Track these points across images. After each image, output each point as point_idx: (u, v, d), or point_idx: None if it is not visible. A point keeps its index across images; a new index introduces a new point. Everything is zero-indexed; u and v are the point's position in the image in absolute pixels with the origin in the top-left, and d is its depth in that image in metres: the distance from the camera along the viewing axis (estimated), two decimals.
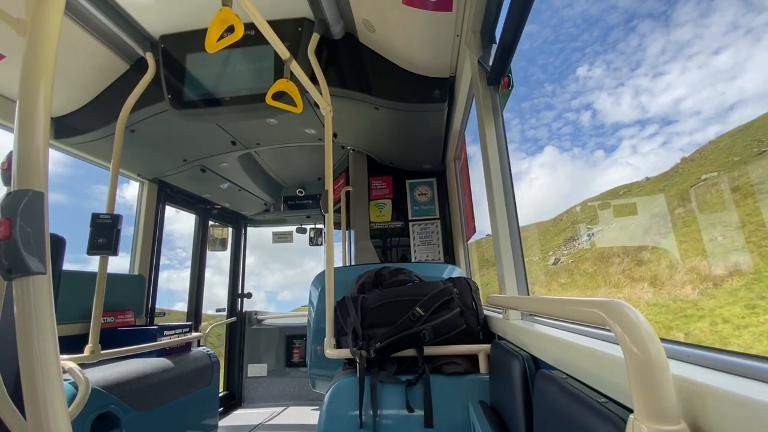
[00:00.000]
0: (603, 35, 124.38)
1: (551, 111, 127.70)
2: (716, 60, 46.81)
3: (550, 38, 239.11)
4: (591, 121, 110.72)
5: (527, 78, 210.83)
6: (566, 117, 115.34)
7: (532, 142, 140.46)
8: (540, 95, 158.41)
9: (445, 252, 2.92)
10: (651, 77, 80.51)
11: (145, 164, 2.83)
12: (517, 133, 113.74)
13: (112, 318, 2.33)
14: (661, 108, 76.95)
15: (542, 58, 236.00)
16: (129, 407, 1.72)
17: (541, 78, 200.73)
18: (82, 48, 2.01)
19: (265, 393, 3.83)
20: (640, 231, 8.59)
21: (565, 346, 0.79)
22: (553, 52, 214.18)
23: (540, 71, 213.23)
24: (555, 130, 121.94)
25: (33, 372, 0.51)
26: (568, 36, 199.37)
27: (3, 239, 0.51)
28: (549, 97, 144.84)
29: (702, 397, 0.43)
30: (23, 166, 0.55)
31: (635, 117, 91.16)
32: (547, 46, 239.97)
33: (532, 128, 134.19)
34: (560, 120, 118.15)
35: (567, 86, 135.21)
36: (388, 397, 1.35)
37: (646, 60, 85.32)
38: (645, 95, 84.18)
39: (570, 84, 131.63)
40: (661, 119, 66.08)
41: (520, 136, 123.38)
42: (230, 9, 1.11)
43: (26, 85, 0.58)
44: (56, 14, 0.62)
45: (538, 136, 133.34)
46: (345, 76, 2.10)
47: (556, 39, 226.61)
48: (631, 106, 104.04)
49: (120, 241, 1.86)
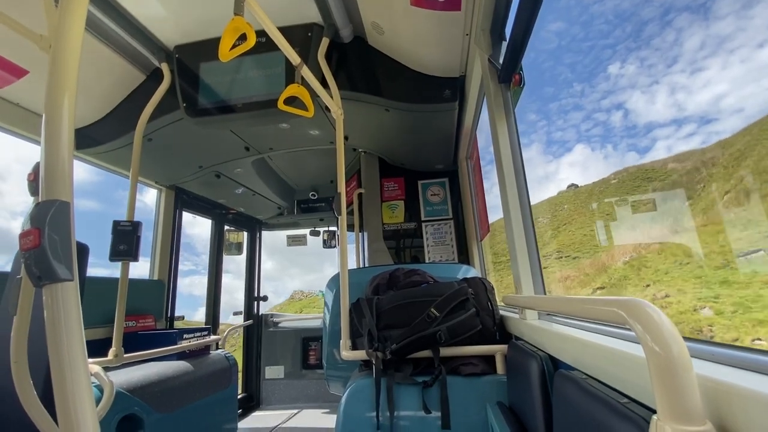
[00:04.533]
0: (636, 31, 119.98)
1: (580, 111, 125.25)
2: (761, 53, 45.00)
3: (579, 36, 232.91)
4: (623, 122, 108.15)
5: (555, 77, 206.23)
6: (596, 118, 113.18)
7: (560, 144, 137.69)
8: (568, 95, 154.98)
9: (458, 252, 2.90)
10: (688, 74, 77.04)
11: (163, 171, 2.90)
12: (543, 135, 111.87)
13: (133, 322, 2.39)
14: (699, 106, 73.97)
15: (570, 56, 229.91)
16: (152, 409, 1.76)
17: (570, 77, 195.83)
18: (101, 61, 2.07)
19: (283, 395, 3.87)
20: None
21: (584, 346, 0.78)
22: (582, 50, 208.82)
23: (568, 70, 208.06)
24: (584, 131, 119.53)
25: (63, 376, 0.52)
26: (599, 33, 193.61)
27: (33, 248, 0.53)
28: (577, 97, 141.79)
29: (728, 396, 0.42)
30: (50, 177, 0.57)
31: (671, 116, 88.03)
32: (575, 44, 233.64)
33: (560, 130, 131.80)
34: (589, 121, 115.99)
35: (597, 85, 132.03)
36: (405, 399, 1.35)
37: (683, 56, 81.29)
38: (682, 93, 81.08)
39: (600, 83, 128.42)
40: (700, 118, 63.46)
41: (547, 138, 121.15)
42: (242, 18, 1.13)
43: (51, 99, 0.60)
44: (78, 30, 0.64)
45: (565, 138, 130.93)
46: (355, 79, 2.11)
47: (585, 36, 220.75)
48: (666, 105, 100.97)
49: (140, 247, 1.90)
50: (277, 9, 1.88)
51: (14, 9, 1.54)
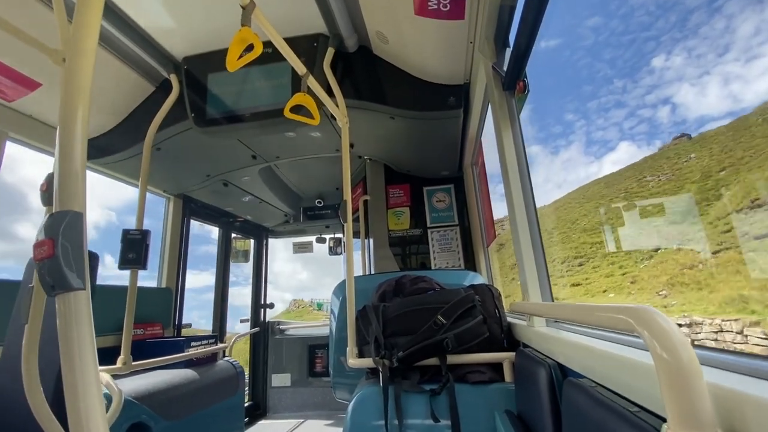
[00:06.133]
0: (681, 20, 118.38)
1: (622, 109, 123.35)
2: None
3: (618, 29, 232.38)
4: (670, 117, 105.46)
5: (592, 75, 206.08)
6: (640, 115, 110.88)
7: (601, 144, 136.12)
8: (608, 93, 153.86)
9: (465, 259, 2.89)
10: (743, 62, 73.02)
11: (171, 181, 2.94)
12: (582, 135, 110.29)
13: (141, 330, 2.41)
14: (758, 96, 69.75)
15: (609, 51, 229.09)
16: (160, 417, 1.76)
17: (609, 74, 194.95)
18: (112, 73, 2.12)
19: (290, 403, 3.85)
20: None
21: (593, 354, 0.78)
22: (622, 45, 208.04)
23: (608, 66, 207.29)
24: (627, 129, 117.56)
25: (75, 384, 0.53)
26: (639, 25, 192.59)
27: (47, 258, 0.54)
28: (619, 94, 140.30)
29: (740, 405, 0.42)
30: (63, 188, 0.58)
31: (726, 108, 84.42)
32: (614, 38, 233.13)
33: (600, 129, 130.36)
34: (633, 118, 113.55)
35: (640, 80, 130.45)
36: (413, 407, 1.34)
37: (736, 43, 77.24)
38: (737, 83, 77.62)
39: (644, 78, 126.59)
40: (763, 109, 59.80)
41: (587, 138, 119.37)
42: (249, 28, 1.15)
43: (65, 112, 0.61)
44: (92, 44, 0.66)
45: (607, 137, 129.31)
46: (360, 88, 2.14)
47: (625, 29, 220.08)
48: (719, 97, 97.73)
49: (149, 256, 1.92)
50: (284, 20, 1.91)
51: (25, 23, 1.59)
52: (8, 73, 1.81)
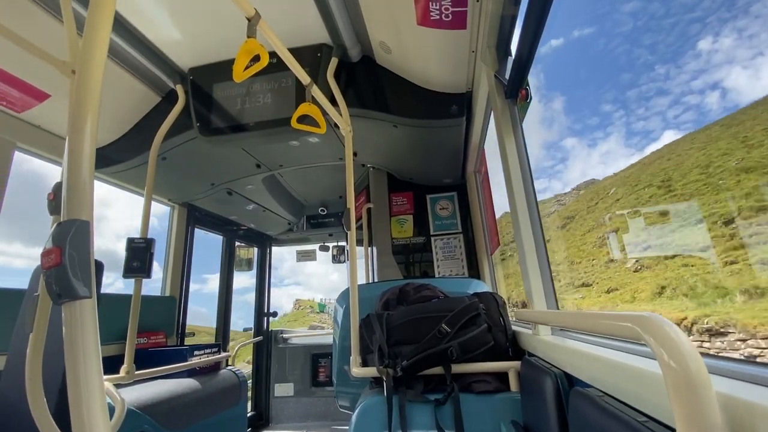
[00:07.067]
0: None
1: (665, 96, 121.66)
2: None
3: (658, 13, 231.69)
4: (720, 102, 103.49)
5: (632, 62, 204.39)
6: (686, 102, 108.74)
7: (642, 135, 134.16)
8: (648, 80, 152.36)
9: (469, 266, 2.88)
10: None
11: (176, 189, 2.96)
12: (622, 126, 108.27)
13: (144, 339, 2.41)
14: None
15: (650, 36, 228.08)
16: (162, 427, 1.75)
17: (650, 60, 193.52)
18: (119, 84, 2.15)
19: (292, 413, 3.82)
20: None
21: (599, 362, 0.77)
22: (664, 29, 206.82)
23: (648, 52, 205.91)
24: (671, 118, 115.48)
25: (79, 393, 0.53)
26: (682, 7, 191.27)
27: (54, 266, 0.54)
28: (661, 81, 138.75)
29: (750, 415, 0.41)
30: (71, 197, 0.59)
31: None
32: (654, 23, 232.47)
33: (641, 119, 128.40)
34: (678, 106, 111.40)
35: (684, 66, 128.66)
36: (417, 417, 1.33)
37: None
38: None
39: (689, 62, 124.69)
40: None
41: (626, 130, 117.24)
42: (255, 40, 1.17)
43: (74, 123, 0.62)
44: (101, 57, 0.67)
45: (649, 127, 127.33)
46: (363, 97, 2.16)
47: (666, 13, 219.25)
48: None
49: (153, 264, 1.93)
50: (288, 31, 1.94)
51: (34, 36, 1.62)
52: (17, 84, 1.84)
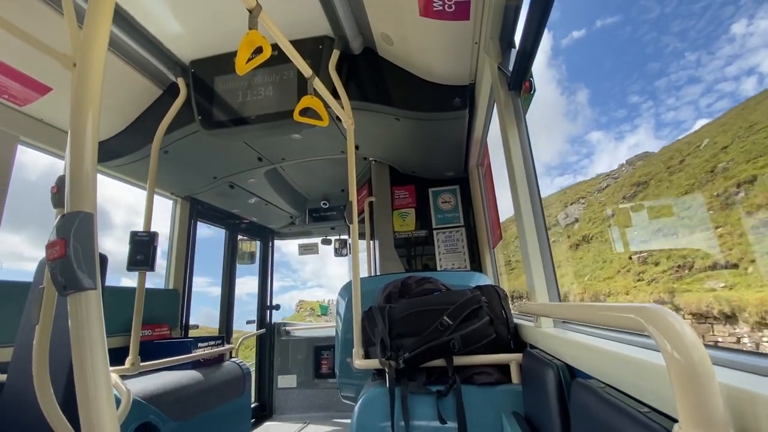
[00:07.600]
0: None
1: (697, 85, 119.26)
2: None
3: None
4: (757, 88, 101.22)
5: (660, 50, 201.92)
6: (719, 89, 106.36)
7: (673, 126, 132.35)
8: (678, 68, 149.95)
9: (471, 259, 2.88)
10: None
11: (178, 183, 2.97)
12: (651, 117, 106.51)
13: (149, 331, 2.43)
14: None
15: (679, 23, 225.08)
16: (167, 417, 1.78)
17: (680, 47, 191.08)
18: (121, 77, 2.15)
19: (295, 404, 3.86)
20: None
21: (601, 354, 0.77)
22: (695, 14, 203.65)
23: (677, 39, 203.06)
24: (704, 107, 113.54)
25: (86, 384, 0.54)
26: None
27: (59, 258, 0.55)
28: (692, 68, 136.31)
29: (753, 405, 0.41)
30: (75, 189, 0.59)
31: None
32: (683, 8, 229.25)
33: (671, 109, 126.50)
34: (711, 94, 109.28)
35: (717, 51, 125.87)
36: (420, 408, 1.34)
37: None
38: None
39: (722, 47, 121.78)
40: None
41: (656, 121, 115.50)
42: (257, 31, 1.16)
43: (76, 115, 0.62)
44: (101, 50, 0.67)
45: (680, 118, 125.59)
46: (365, 90, 2.14)
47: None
48: None
49: (156, 257, 1.94)
50: (289, 23, 1.92)
51: (35, 29, 1.61)
52: (19, 77, 1.84)
